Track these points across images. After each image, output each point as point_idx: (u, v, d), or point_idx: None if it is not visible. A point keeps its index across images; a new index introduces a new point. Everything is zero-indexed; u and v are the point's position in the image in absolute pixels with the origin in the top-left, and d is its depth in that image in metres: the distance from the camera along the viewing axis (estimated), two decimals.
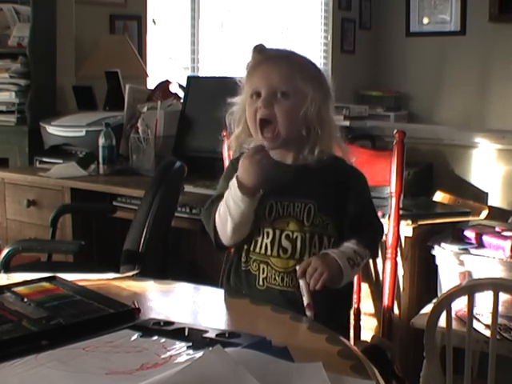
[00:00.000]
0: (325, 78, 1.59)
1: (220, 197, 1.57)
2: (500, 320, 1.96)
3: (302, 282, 1.48)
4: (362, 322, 2.02)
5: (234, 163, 1.60)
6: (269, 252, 1.56)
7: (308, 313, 1.45)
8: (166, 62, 4.70)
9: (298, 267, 1.49)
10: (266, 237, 1.56)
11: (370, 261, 2.29)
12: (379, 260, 2.01)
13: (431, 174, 2.91)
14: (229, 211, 1.52)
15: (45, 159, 3.28)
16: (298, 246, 1.55)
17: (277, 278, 1.55)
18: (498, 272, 2.29)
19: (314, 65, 1.61)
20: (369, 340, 1.89)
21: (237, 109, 1.60)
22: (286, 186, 1.55)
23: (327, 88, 1.58)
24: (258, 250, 1.57)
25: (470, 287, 1.83)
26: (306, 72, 1.55)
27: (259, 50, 1.58)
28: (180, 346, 1.14)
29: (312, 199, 1.55)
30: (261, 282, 1.57)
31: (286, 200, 1.55)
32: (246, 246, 1.59)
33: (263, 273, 1.57)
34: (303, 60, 1.60)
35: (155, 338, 1.18)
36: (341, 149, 1.61)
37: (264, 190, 1.53)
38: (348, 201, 1.58)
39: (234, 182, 1.51)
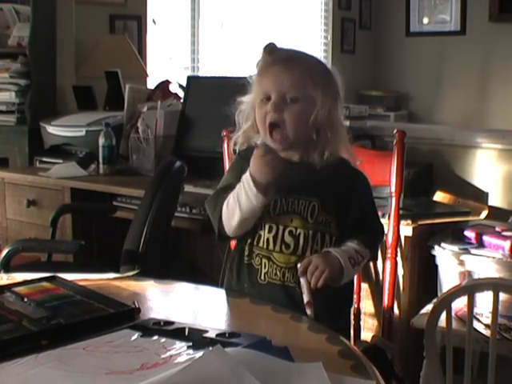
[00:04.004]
0: (335, 79, 1.58)
1: (226, 188, 1.57)
2: (500, 320, 1.96)
3: (302, 280, 1.48)
4: (362, 322, 2.02)
5: (242, 155, 1.62)
6: (271, 247, 1.56)
7: (308, 311, 1.45)
8: (166, 62, 4.70)
9: (299, 265, 1.50)
10: (269, 232, 1.56)
11: (369, 262, 2.29)
12: (379, 260, 2.01)
13: (431, 174, 2.91)
14: (239, 204, 1.51)
15: (45, 159, 3.28)
16: (301, 242, 1.55)
17: (278, 273, 1.56)
18: (498, 272, 2.29)
19: (324, 67, 1.61)
20: (369, 340, 1.89)
21: (246, 106, 1.60)
22: (291, 182, 1.55)
23: (337, 90, 1.58)
24: (261, 244, 1.57)
25: (470, 287, 1.83)
26: (317, 76, 1.54)
27: (270, 50, 1.56)
28: (180, 346, 1.14)
29: (316, 197, 1.56)
30: (262, 277, 1.57)
31: (290, 197, 1.56)
32: (249, 240, 1.59)
33: (265, 267, 1.57)
34: (314, 63, 1.59)
35: (155, 337, 1.18)
36: (347, 150, 1.61)
37: (275, 192, 1.52)
38: (351, 203, 1.58)
39: (247, 177, 1.50)
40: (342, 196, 1.58)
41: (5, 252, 2.32)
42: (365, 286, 2.32)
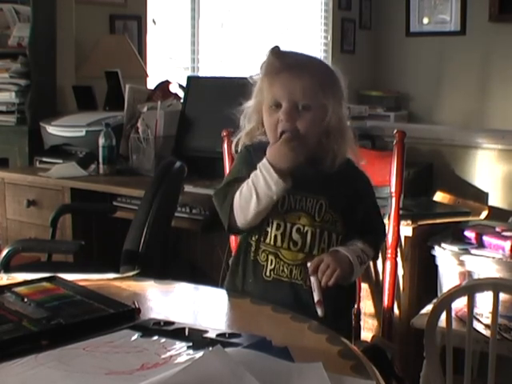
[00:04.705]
0: (340, 82, 1.58)
1: (237, 180, 1.56)
2: (500, 320, 1.96)
3: (313, 279, 1.49)
4: (362, 322, 2.02)
5: (250, 148, 1.61)
6: (279, 244, 1.56)
7: (318, 309, 1.46)
8: (166, 62, 4.70)
9: (309, 264, 1.50)
10: (276, 229, 1.56)
11: (370, 261, 2.29)
12: (379, 260, 2.01)
13: (431, 174, 2.91)
14: (256, 193, 1.49)
15: (45, 159, 3.28)
16: (308, 240, 1.55)
17: (285, 269, 1.56)
18: (498, 272, 2.29)
19: (331, 70, 1.60)
20: (369, 340, 1.89)
21: (250, 109, 1.60)
22: (299, 180, 1.54)
23: (342, 93, 1.58)
24: (268, 240, 1.57)
25: (470, 287, 1.83)
26: (327, 83, 1.54)
27: (277, 54, 1.54)
28: (180, 346, 1.14)
29: (324, 196, 1.56)
30: (268, 273, 1.57)
31: (298, 194, 1.56)
32: (256, 236, 1.58)
33: (271, 264, 1.57)
34: (323, 68, 1.59)
35: (155, 338, 1.18)
36: (353, 151, 1.62)
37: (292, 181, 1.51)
38: (356, 203, 1.60)
39: (265, 164, 1.49)
40: (347, 196, 1.59)
41: (5, 252, 2.32)
42: (365, 286, 2.32)
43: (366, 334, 2.10)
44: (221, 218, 1.59)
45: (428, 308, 2.19)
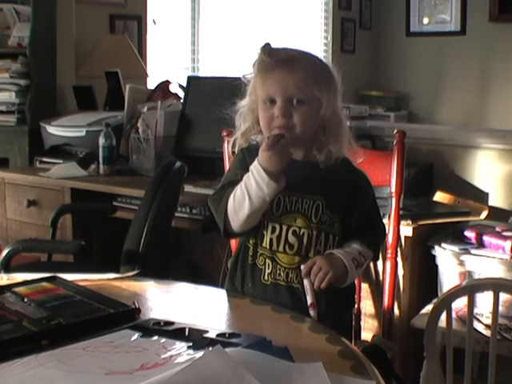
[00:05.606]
0: (334, 76, 1.57)
1: (232, 183, 1.55)
2: (500, 320, 1.96)
3: (306, 281, 1.48)
4: (362, 323, 2.02)
5: (245, 151, 1.60)
6: (275, 247, 1.55)
7: (311, 312, 1.45)
8: (166, 62, 4.70)
9: (302, 266, 1.50)
10: (272, 232, 1.55)
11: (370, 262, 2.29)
12: (379, 260, 2.01)
13: (431, 174, 2.90)
14: (248, 195, 1.48)
15: (45, 159, 3.28)
16: (305, 242, 1.54)
17: (282, 273, 1.55)
18: (498, 272, 2.29)
19: (324, 64, 1.59)
20: (369, 340, 1.89)
21: (245, 108, 1.59)
22: (295, 181, 1.53)
23: (336, 86, 1.57)
24: (264, 244, 1.56)
25: (470, 287, 1.83)
26: (320, 75, 1.53)
27: (268, 52, 1.53)
28: (180, 346, 1.14)
29: (320, 196, 1.54)
30: (266, 277, 1.56)
31: (294, 195, 1.54)
32: (253, 240, 1.57)
33: (268, 268, 1.56)
34: (315, 62, 1.58)
35: (155, 338, 1.18)
36: (350, 150, 1.60)
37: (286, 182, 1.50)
38: (355, 204, 1.58)
39: (256, 166, 1.48)
40: (346, 196, 1.57)
41: (5, 252, 2.32)
42: (365, 287, 2.32)
43: (366, 334, 2.10)
44: (217, 221, 1.58)
45: (428, 308, 2.20)
